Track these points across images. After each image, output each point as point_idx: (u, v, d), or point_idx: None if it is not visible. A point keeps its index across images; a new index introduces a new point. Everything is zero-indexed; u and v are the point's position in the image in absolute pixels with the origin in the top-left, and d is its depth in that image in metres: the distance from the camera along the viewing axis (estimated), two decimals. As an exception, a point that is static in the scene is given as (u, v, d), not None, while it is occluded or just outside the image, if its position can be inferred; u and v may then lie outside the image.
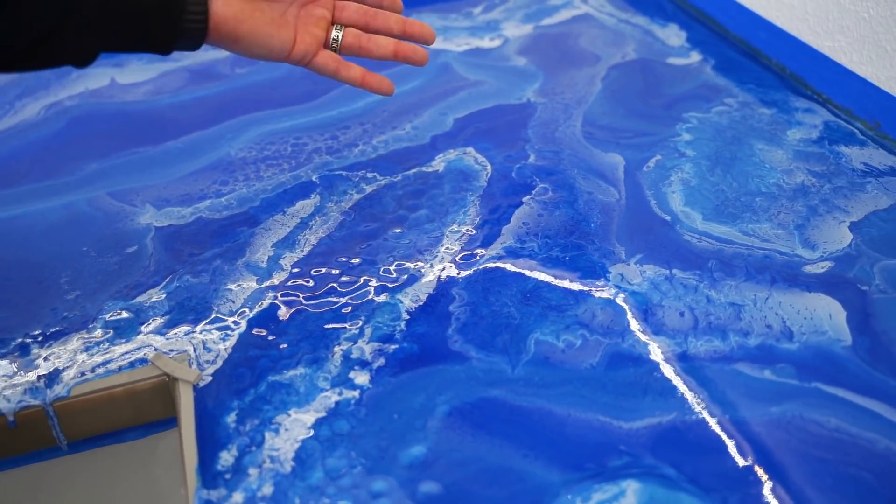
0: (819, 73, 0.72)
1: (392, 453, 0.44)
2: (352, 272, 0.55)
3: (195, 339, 0.51)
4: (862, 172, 0.64)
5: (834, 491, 0.41)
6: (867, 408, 0.45)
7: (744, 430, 0.44)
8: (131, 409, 0.50)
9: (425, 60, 0.58)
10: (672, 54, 0.81)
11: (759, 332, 0.50)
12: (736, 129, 0.69)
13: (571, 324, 0.51)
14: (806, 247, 0.57)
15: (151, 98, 0.77)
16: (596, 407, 0.46)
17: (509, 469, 0.43)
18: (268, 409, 0.46)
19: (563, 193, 0.62)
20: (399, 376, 0.48)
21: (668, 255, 0.56)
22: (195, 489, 0.43)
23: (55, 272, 0.57)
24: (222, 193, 0.63)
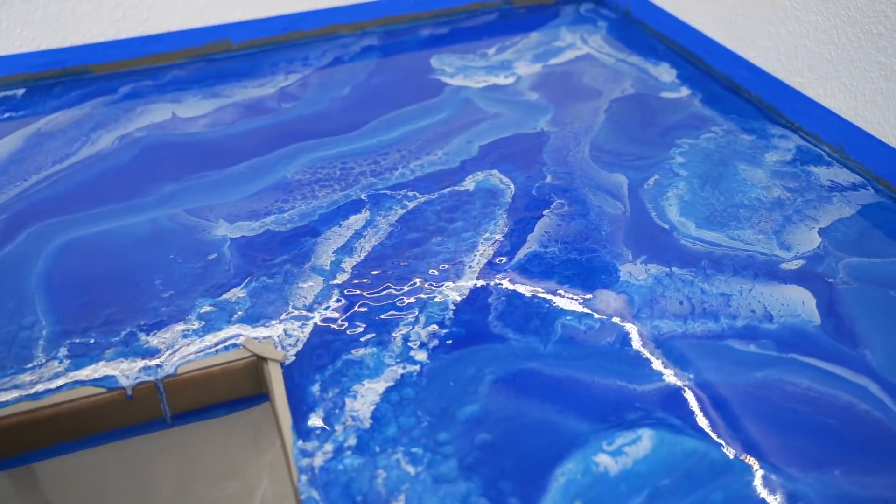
0: (791, 104, 0.84)
1: (451, 412, 0.54)
2: (403, 272, 0.66)
3: (277, 328, 0.61)
4: (829, 188, 0.75)
5: (806, 433, 0.52)
6: (833, 372, 0.56)
7: (734, 389, 0.55)
8: (226, 385, 0.60)
9: None
10: (664, 89, 0.92)
11: (745, 315, 0.61)
12: (721, 153, 0.80)
13: (591, 310, 0.62)
14: (782, 248, 0.68)
15: (210, 129, 0.87)
16: (614, 374, 0.56)
17: (547, 422, 0.53)
18: (345, 380, 0.56)
19: (577, 207, 0.73)
20: (451, 353, 0.58)
21: (668, 256, 0.67)
22: (293, 443, 0.53)
23: (149, 276, 0.67)
24: (284, 210, 0.74)
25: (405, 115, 0.88)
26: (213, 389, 0.60)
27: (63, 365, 0.58)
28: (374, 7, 1.06)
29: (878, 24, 0.71)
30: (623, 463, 0.50)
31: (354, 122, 0.87)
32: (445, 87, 0.94)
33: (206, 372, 0.59)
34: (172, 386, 0.58)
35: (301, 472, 0.50)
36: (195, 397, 0.60)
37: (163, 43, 0.98)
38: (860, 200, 0.73)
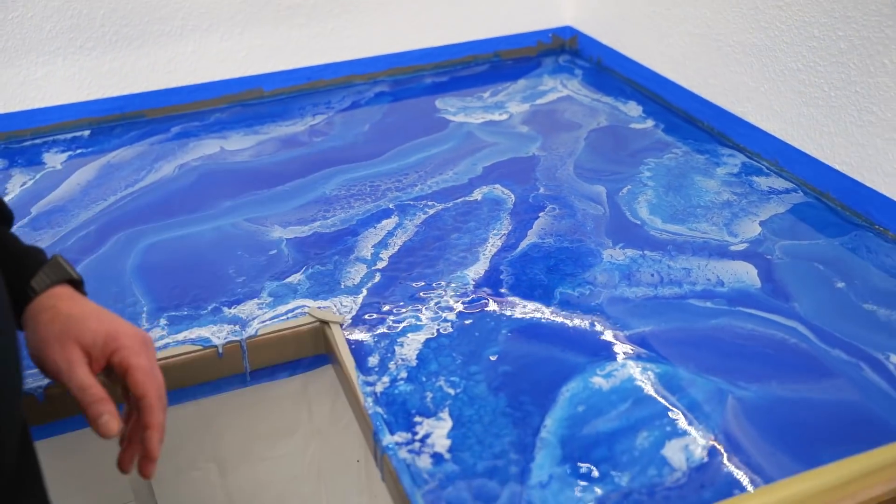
0: (736, 129, 1.03)
1: (478, 353, 0.70)
2: (430, 259, 0.82)
3: (334, 301, 0.77)
4: (767, 192, 0.93)
5: (750, 360, 0.68)
6: (770, 319, 0.73)
7: (695, 332, 0.71)
8: (295, 345, 0.75)
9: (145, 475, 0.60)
10: (633, 122, 1.11)
11: (703, 283, 0.78)
12: (681, 168, 0.99)
13: (582, 282, 0.78)
14: (731, 235, 0.85)
15: (255, 159, 1.04)
16: (606, 324, 0.72)
17: (553, 358, 0.69)
18: (393, 334, 0.72)
19: (566, 210, 0.90)
20: (474, 314, 0.74)
21: (641, 243, 0.84)
22: (356, 378, 0.68)
23: (223, 268, 0.82)
24: (327, 217, 0.90)
25: (418, 145, 1.06)
26: (284, 349, 0.75)
27: (164, 330, 0.73)
28: (383, 60, 1.25)
29: (796, 62, 0.91)
30: (612, 382, 0.66)
31: (376, 151, 1.04)
32: (450, 123, 1.12)
33: (279, 334, 0.74)
34: (253, 346, 0.73)
35: (366, 396, 0.65)
36: (270, 356, 0.75)
37: (207, 91, 1.16)
38: (792, 201, 0.91)
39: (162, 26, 1.10)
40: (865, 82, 0.83)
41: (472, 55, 1.31)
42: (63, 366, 0.56)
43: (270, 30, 1.16)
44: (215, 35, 1.13)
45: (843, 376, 0.66)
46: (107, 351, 0.58)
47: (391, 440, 0.61)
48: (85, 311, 0.59)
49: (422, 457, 0.60)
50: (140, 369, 0.58)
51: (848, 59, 0.84)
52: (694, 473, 0.58)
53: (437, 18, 1.26)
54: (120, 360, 0.58)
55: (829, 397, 0.64)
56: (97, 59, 1.09)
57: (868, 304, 0.74)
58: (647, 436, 0.61)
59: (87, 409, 0.55)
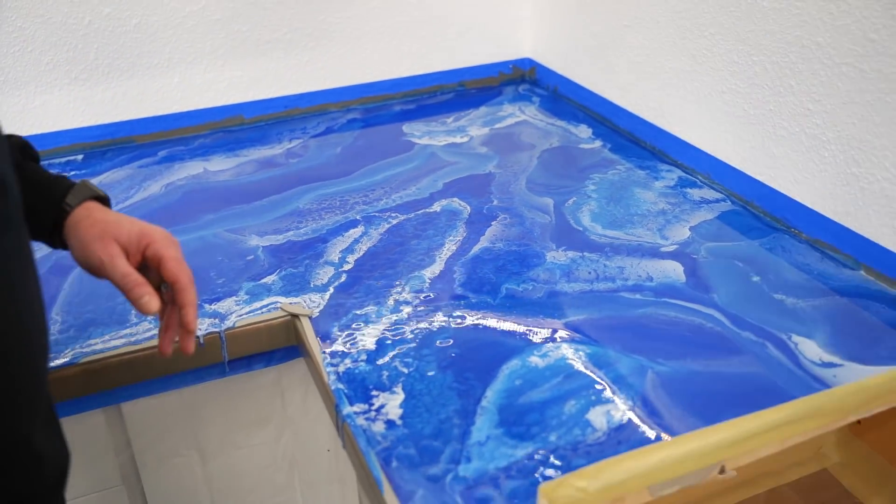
0: (674, 148, 1.13)
1: (431, 339, 0.78)
2: (391, 262, 0.91)
3: (304, 298, 0.86)
4: (698, 202, 1.03)
5: (670, 341, 0.77)
6: (691, 307, 0.82)
7: (624, 319, 0.80)
8: (269, 337, 0.84)
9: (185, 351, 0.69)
10: (582, 142, 1.22)
11: (634, 279, 0.87)
12: (623, 182, 1.09)
13: (526, 279, 0.88)
14: (662, 238, 0.95)
15: (235, 178, 1.13)
16: (545, 314, 0.82)
17: (496, 342, 0.78)
18: (355, 324, 0.81)
19: (516, 219, 1.00)
20: (429, 306, 0.83)
21: (581, 246, 0.94)
22: (321, 360, 0.77)
23: (206, 271, 0.91)
24: (300, 227, 0.99)
25: (385, 165, 1.16)
26: (259, 340, 0.84)
27: (151, 324, 0.82)
28: (355, 89, 1.35)
29: (721, 84, 1.01)
30: (547, 360, 0.75)
31: (347, 170, 1.14)
32: (415, 145, 1.22)
33: (254, 327, 0.83)
34: (230, 336, 0.82)
35: (330, 374, 0.74)
36: (246, 346, 0.84)
37: (192, 118, 1.26)
38: (720, 209, 1.01)
39: (150, 59, 1.20)
40: (777, 101, 0.93)
41: (438, 85, 1.41)
42: (105, 259, 0.64)
43: (250, 62, 1.26)
44: (199, 67, 1.23)
45: (750, 353, 0.76)
46: (141, 246, 0.66)
47: (350, 410, 0.70)
48: (118, 216, 0.68)
49: (376, 423, 0.68)
50: (172, 259, 0.66)
51: (762, 81, 0.95)
52: (613, 433, 0.67)
53: (406, 51, 1.37)
54: (153, 253, 0.66)
55: (737, 371, 0.74)
56: (90, 89, 1.19)
57: (778, 294, 0.84)
58: (574, 404, 0.70)
59: (130, 292, 0.64)
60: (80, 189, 0.69)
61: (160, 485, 0.91)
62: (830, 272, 0.88)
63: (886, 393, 0.73)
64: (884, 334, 0.77)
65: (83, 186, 0.70)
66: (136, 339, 0.79)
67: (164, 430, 0.88)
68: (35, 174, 0.69)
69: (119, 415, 0.85)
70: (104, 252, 0.65)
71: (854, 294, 0.84)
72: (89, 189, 0.70)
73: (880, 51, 0.79)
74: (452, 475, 0.63)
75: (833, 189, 0.89)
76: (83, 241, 0.66)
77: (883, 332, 0.78)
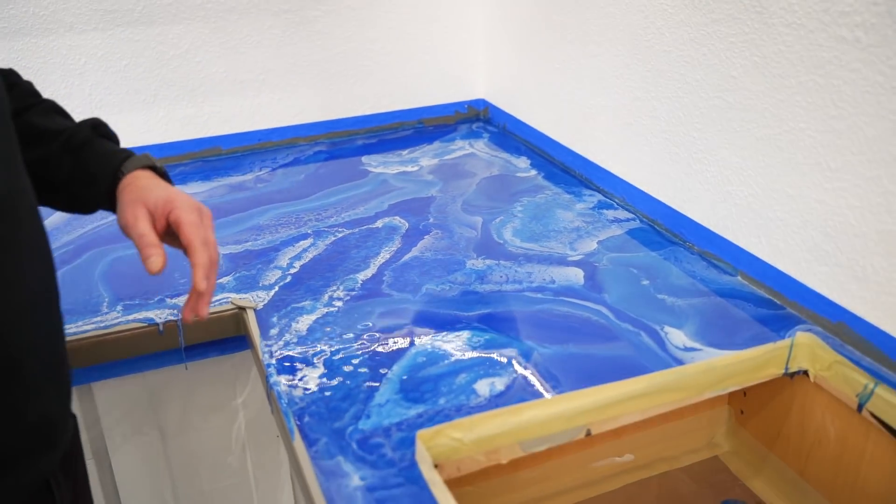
0: (597, 175, 1.27)
1: (354, 326, 0.92)
2: (331, 267, 1.05)
3: (252, 294, 0.99)
4: (611, 220, 1.17)
5: (558, 330, 0.90)
6: (583, 304, 0.95)
7: (523, 313, 0.93)
8: (219, 326, 0.97)
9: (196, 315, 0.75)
10: (519, 171, 1.36)
11: (539, 281, 1.01)
12: (548, 205, 1.23)
13: (445, 282, 1.01)
14: (571, 250, 1.08)
15: (207, 199, 1.28)
16: (455, 309, 0.95)
17: (411, 329, 0.91)
18: (293, 315, 0.94)
19: (447, 234, 1.14)
20: (358, 302, 0.97)
21: (498, 255, 1.07)
22: (259, 341, 0.90)
23: (171, 273, 1.05)
24: (258, 239, 1.14)
25: (341, 189, 1.30)
26: (211, 328, 0.97)
27: (119, 314, 0.96)
28: (323, 125, 1.51)
29: (630, 118, 1.16)
30: (450, 344, 0.88)
31: (306, 193, 1.29)
32: (370, 173, 1.37)
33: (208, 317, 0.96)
34: (187, 325, 0.96)
35: (264, 353, 0.87)
36: (200, 334, 0.97)
37: (174, 149, 1.41)
38: (629, 227, 1.15)
39: (137, 95, 1.36)
40: (670, 130, 1.08)
41: (399, 122, 1.57)
42: (130, 220, 0.70)
43: (228, 99, 1.42)
44: (182, 103, 1.39)
45: (625, 340, 0.88)
46: (165, 211, 0.72)
47: (277, 379, 0.83)
48: (158, 184, 0.74)
49: (297, 389, 0.81)
50: (189, 223, 0.71)
51: (658, 114, 1.09)
52: (493, 399, 0.79)
53: (370, 91, 1.53)
54: (175, 218, 0.72)
55: (611, 354, 0.86)
56: (84, 121, 1.34)
57: (661, 295, 0.97)
58: (465, 377, 0.82)
59: (141, 250, 0.69)
60: (136, 160, 0.76)
61: (126, 460, 1.03)
62: (712, 277, 1.01)
63: (735, 374, 0.86)
64: (744, 326, 0.90)
65: (140, 157, 0.77)
66: (105, 324, 0.93)
67: (129, 409, 1.01)
68: (102, 146, 0.77)
69: (90, 393, 0.98)
70: (131, 214, 0.71)
71: (728, 295, 0.97)
72: (145, 159, 0.77)
73: (740, 85, 0.94)
74: (353, 428, 0.75)
75: (714, 206, 1.02)
76: (121, 203, 0.73)
77: (744, 324, 0.90)
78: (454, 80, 1.58)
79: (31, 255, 0.62)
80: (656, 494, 0.98)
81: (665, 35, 1.04)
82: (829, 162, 0.83)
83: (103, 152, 0.77)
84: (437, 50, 1.54)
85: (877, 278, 0.80)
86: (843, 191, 0.83)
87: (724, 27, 0.94)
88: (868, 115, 0.78)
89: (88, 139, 0.77)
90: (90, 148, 0.77)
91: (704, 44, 0.98)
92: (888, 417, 0.79)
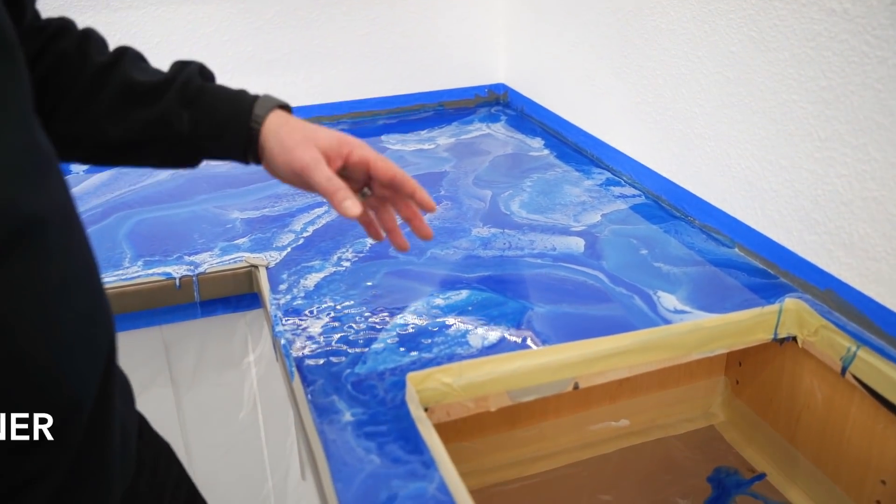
0: (607, 154, 1.30)
1: (359, 283, 0.96)
2: (343, 232, 1.10)
3: (265, 254, 1.04)
4: (617, 196, 1.20)
5: (555, 292, 0.93)
6: (581, 269, 0.99)
7: (522, 276, 0.97)
8: (234, 282, 1.02)
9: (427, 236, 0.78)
10: (533, 150, 1.39)
11: (540, 248, 1.04)
12: (557, 182, 1.26)
13: (449, 247, 1.05)
14: (575, 221, 1.12)
15: (231, 170, 1.34)
16: (457, 271, 0.99)
17: (412, 287, 0.95)
18: (302, 272, 0.99)
19: (456, 205, 1.18)
20: (364, 263, 1.01)
21: (503, 224, 1.11)
22: (268, 294, 0.95)
23: (190, 234, 1.10)
24: (276, 206, 1.19)
25: (359, 163, 1.35)
26: (225, 284, 1.02)
27: (139, 268, 1.01)
28: (346, 105, 1.56)
29: (638, 97, 1.19)
30: (448, 301, 0.92)
31: (325, 166, 1.34)
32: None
33: (222, 274, 1.02)
34: (202, 280, 1.01)
35: (272, 304, 0.92)
36: (215, 289, 1.02)
37: (202, 123, 1.47)
38: (633, 202, 1.18)
39: (168, 71, 1.43)
40: (674, 107, 1.10)
41: (420, 104, 1.61)
42: (311, 163, 0.67)
43: (253, 78, 1.48)
44: (210, 80, 1.45)
45: (617, 302, 0.91)
46: (342, 152, 0.70)
47: (282, 328, 0.88)
48: (308, 124, 0.71)
49: (300, 337, 0.86)
50: (378, 158, 0.71)
51: (663, 92, 1.12)
52: (484, 350, 0.83)
53: (393, 73, 1.57)
54: (358, 158, 0.71)
55: (603, 314, 0.89)
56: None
57: (658, 263, 1.00)
58: (459, 328, 0.86)
59: (334, 195, 0.66)
60: (264, 101, 0.70)
61: (140, 411, 1.09)
62: (710, 249, 1.03)
63: (723, 336, 0.89)
64: (735, 292, 0.93)
65: (266, 98, 0.71)
66: (126, 277, 0.99)
67: (145, 361, 1.06)
68: (218, 93, 0.70)
69: (111, 344, 1.04)
70: (308, 156, 0.67)
71: (723, 265, 0.99)
72: (273, 99, 0.71)
73: (738, 60, 0.96)
74: (349, 371, 0.80)
75: (713, 179, 1.05)
76: (286, 146, 0.68)
77: (735, 290, 0.93)
78: (475, 65, 1.62)
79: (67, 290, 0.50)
80: (650, 459, 1.01)
81: (669, 14, 1.07)
82: (819, 132, 0.86)
83: (224, 98, 0.70)
84: (459, 34, 1.58)
85: (862, 245, 0.83)
86: (831, 160, 0.85)
87: (724, 4, 0.96)
88: (855, 84, 0.80)
89: (200, 87, 0.70)
90: (207, 96, 0.69)
91: (706, 21, 1.00)
92: (870, 380, 0.81)
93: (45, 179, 0.48)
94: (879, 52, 0.77)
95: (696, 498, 0.93)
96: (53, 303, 0.48)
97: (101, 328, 0.55)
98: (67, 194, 0.52)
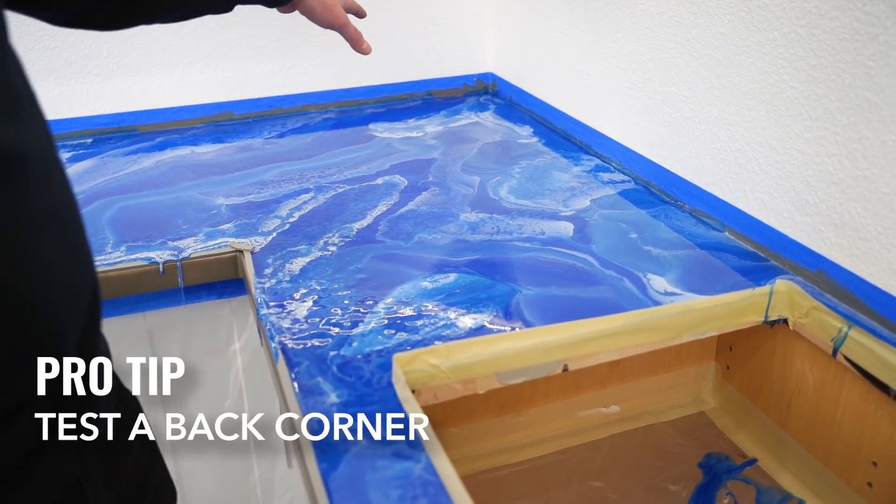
0: (596, 140, 1.29)
1: (345, 267, 0.95)
2: (329, 218, 1.08)
3: (250, 239, 1.03)
4: (606, 182, 1.19)
5: (544, 275, 0.92)
6: (570, 253, 0.98)
7: (510, 259, 0.96)
8: (218, 267, 1.01)
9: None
10: (521, 138, 1.38)
11: (528, 233, 1.03)
12: (546, 168, 1.25)
13: (437, 231, 1.04)
14: (564, 206, 1.11)
15: (216, 158, 1.32)
16: (445, 255, 0.98)
17: (399, 271, 0.94)
18: (289, 257, 0.98)
19: (444, 191, 1.17)
20: (351, 248, 1.00)
21: (492, 209, 1.10)
22: (252, 277, 0.93)
23: (175, 220, 1.09)
24: (261, 192, 1.17)
25: (346, 151, 1.34)
26: (209, 270, 1.01)
27: (122, 253, 1.00)
28: (333, 94, 1.54)
29: (626, 82, 1.18)
30: (436, 284, 0.91)
31: (312, 154, 1.32)
32: (375, 137, 1.40)
33: (206, 259, 1.00)
34: (186, 265, 0.99)
35: (257, 288, 0.91)
36: (199, 275, 1.01)
37: (187, 112, 1.45)
38: (622, 187, 1.17)
39: (153, 59, 1.41)
40: (663, 91, 1.10)
41: (408, 93, 1.60)
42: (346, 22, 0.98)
43: (240, 65, 1.46)
44: (195, 68, 1.44)
45: (607, 285, 0.90)
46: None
47: (267, 312, 0.86)
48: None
49: (285, 320, 0.84)
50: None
51: (652, 76, 1.11)
52: (472, 332, 0.82)
53: (381, 62, 1.56)
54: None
55: (592, 296, 0.88)
56: (101, 83, 1.39)
57: (648, 247, 0.99)
58: (447, 313, 0.85)
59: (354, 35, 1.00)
60: None
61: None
62: (699, 233, 1.02)
63: (713, 318, 0.88)
64: (725, 275, 0.92)
65: None
66: (108, 262, 0.97)
67: (129, 348, 1.04)
68: None
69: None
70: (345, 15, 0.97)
71: (713, 248, 0.98)
72: None
73: (728, 42, 0.95)
74: (335, 353, 0.78)
75: (703, 163, 1.04)
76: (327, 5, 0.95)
77: (725, 273, 0.92)
78: (464, 54, 1.61)
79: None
80: (640, 445, 1.00)
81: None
82: (810, 112, 0.85)
83: None
84: (448, 24, 1.57)
85: (853, 224, 0.82)
86: (822, 139, 0.84)
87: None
88: (845, 62, 0.80)
89: None
90: None
91: (695, 2, 1.00)
92: (861, 360, 0.80)
93: (20, 120, 0.48)
94: (870, 28, 0.76)
95: (687, 484, 0.92)
96: (34, 236, 0.48)
97: (81, 267, 0.55)
98: (48, 137, 0.53)
